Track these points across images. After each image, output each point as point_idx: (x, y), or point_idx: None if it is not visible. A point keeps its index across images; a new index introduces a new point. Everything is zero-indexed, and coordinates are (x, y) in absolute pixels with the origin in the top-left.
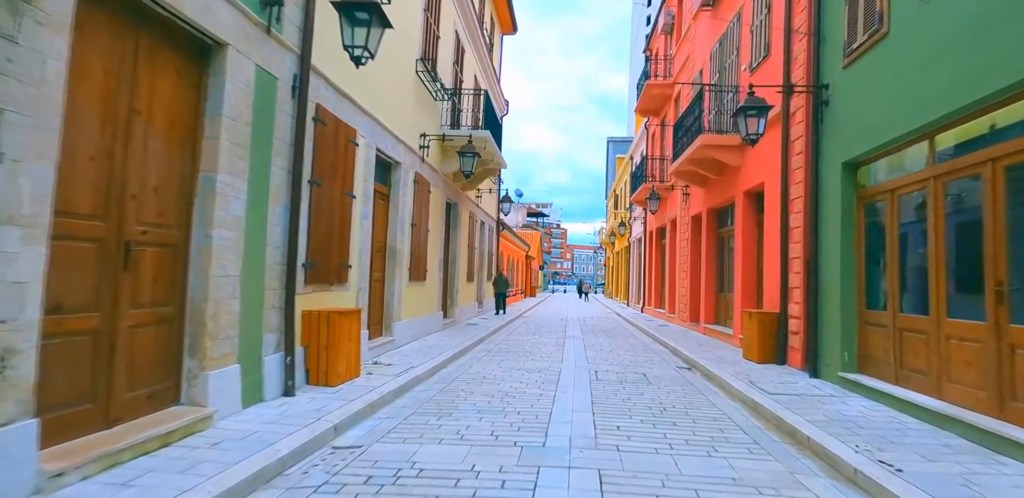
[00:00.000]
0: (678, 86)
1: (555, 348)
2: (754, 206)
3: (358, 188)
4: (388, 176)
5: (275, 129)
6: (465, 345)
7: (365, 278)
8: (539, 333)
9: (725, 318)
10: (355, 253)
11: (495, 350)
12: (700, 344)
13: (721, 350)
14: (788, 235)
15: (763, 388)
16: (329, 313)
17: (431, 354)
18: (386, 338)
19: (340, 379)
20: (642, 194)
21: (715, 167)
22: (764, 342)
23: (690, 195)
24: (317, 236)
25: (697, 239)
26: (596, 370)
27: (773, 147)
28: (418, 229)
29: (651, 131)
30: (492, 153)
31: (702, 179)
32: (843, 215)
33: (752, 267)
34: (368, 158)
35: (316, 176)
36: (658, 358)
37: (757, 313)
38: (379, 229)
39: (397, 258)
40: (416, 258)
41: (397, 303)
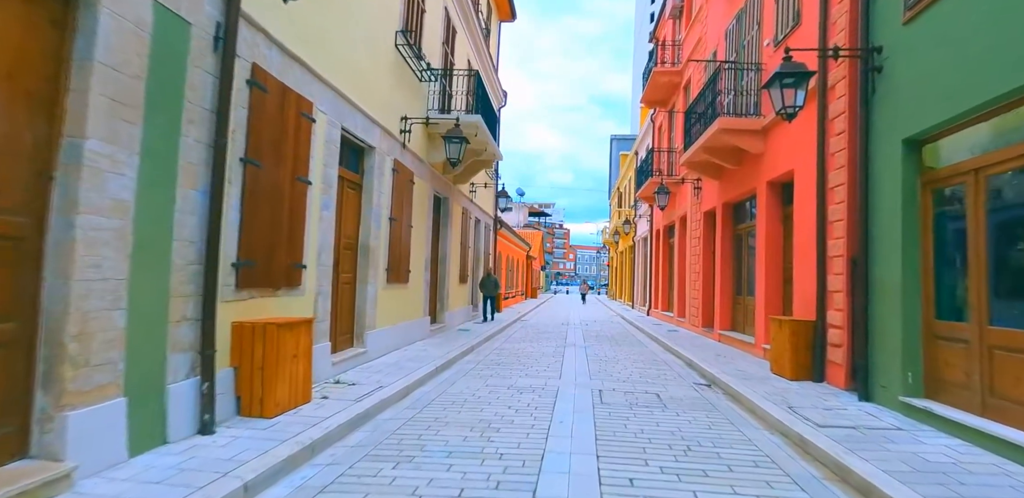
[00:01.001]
0: (687, 73)
1: (553, 359)
2: (779, 198)
3: (316, 173)
4: (360, 162)
5: (187, 89)
6: (451, 356)
7: (327, 280)
8: (537, 340)
9: (744, 325)
10: (312, 251)
11: (485, 362)
12: (717, 354)
13: (742, 362)
14: (826, 230)
15: (807, 416)
16: (266, 325)
17: (408, 369)
18: (356, 350)
19: (280, 408)
20: (649, 189)
21: (733, 156)
22: (797, 355)
23: (702, 189)
24: (256, 229)
25: (710, 237)
26: (600, 389)
27: (805, 129)
28: (398, 224)
29: (658, 123)
30: (485, 142)
31: (717, 170)
32: (904, 203)
33: (777, 268)
34: (331, 138)
35: (253, 154)
36: (671, 372)
37: (788, 321)
38: (348, 223)
39: (371, 257)
40: (396, 257)
41: (371, 309)
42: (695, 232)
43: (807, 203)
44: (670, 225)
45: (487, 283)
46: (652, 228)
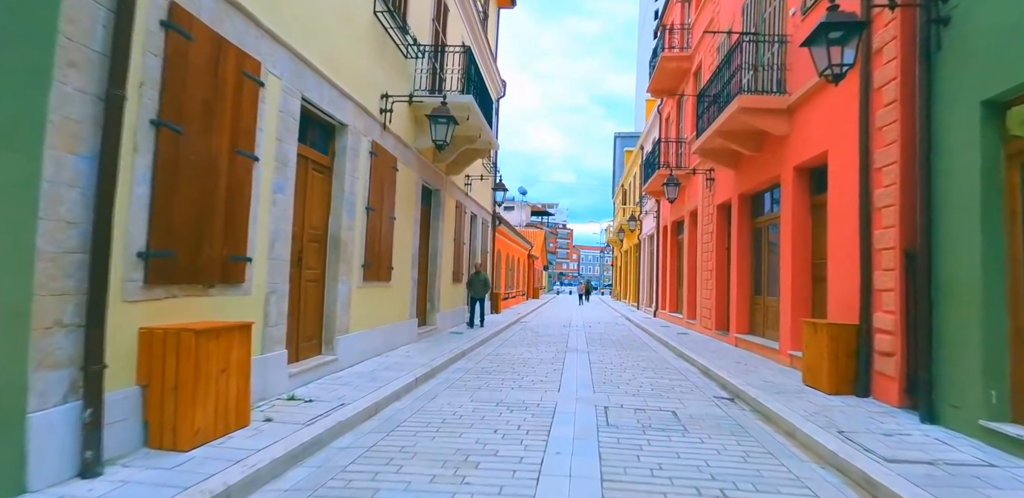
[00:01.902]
0: (698, 58)
1: (552, 366)
2: (807, 185)
3: (266, 148)
4: (330, 142)
5: (63, 21)
6: (437, 363)
7: (282, 277)
8: (536, 344)
9: (764, 328)
10: (261, 241)
11: (476, 370)
12: (736, 361)
13: (767, 371)
14: (871, 219)
15: (866, 445)
16: (180, 332)
17: (383, 380)
18: (324, 358)
19: (201, 437)
20: (656, 182)
21: (752, 140)
22: (837, 365)
23: (715, 180)
24: (175, 210)
25: (724, 232)
26: (606, 406)
27: (842, 103)
28: (377, 215)
29: (665, 114)
30: (479, 129)
31: (733, 157)
32: (984, 182)
33: (805, 264)
34: (287, 108)
35: (170, 116)
36: (686, 382)
37: (826, 325)
38: (314, 211)
39: (343, 251)
40: (375, 252)
41: (343, 311)
42: (707, 227)
43: (845, 189)
44: (679, 221)
45: (475, 282)
46: (659, 225)
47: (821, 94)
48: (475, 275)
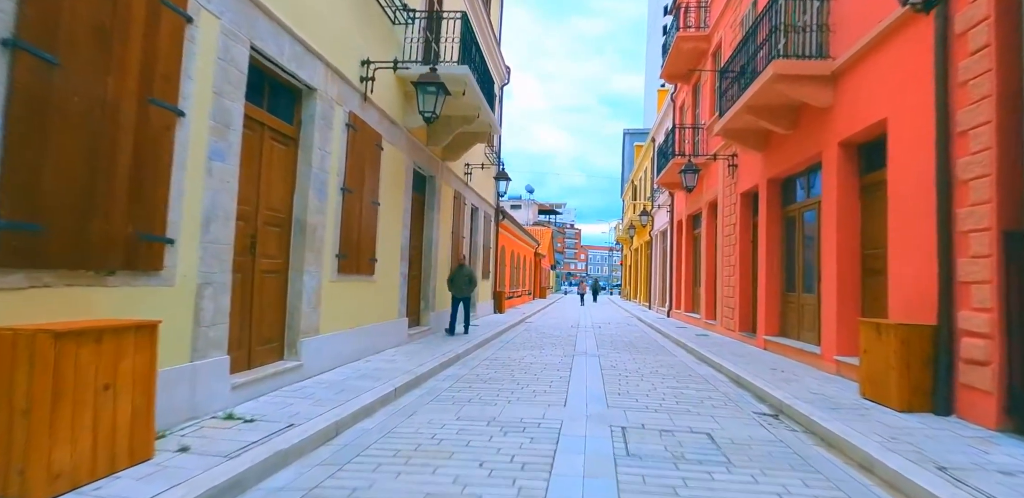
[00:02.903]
0: (717, 37)
1: (559, 373)
2: (856, 163)
3: (196, 101)
4: (295, 108)
5: None
6: (425, 369)
7: (222, 265)
8: (541, 346)
9: (799, 329)
10: (189, 218)
11: (468, 377)
12: (770, 367)
13: (810, 379)
14: (951, 195)
15: (984, 490)
16: (36, 335)
17: (354, 391)
18: (285, 364)
19: (66, 481)
20: (672, 172)
21: (787, 115)
22: (908, 375)
23: (739, 166)
24: (47, 169)
25: (749, 222)
26: (623, 426)
27: (907, 59)
28: (356, 199)
29: (679, 101)
30: (476, 107)
31: (761, 138)
32: None
33: (853, 255)
34: (229, 56)
35: (36, 38)
36: (716, 393)
37: (893, 326)
38: (273, 188)
39: (311, 238)
40: (352, 241)
41: (311, 308)
42: (729, 218)
43: (913, 161)
44: (695, 213)
45: (458, 278)
46: (673, 219)
47: (878, 52)
48: (458, 269)
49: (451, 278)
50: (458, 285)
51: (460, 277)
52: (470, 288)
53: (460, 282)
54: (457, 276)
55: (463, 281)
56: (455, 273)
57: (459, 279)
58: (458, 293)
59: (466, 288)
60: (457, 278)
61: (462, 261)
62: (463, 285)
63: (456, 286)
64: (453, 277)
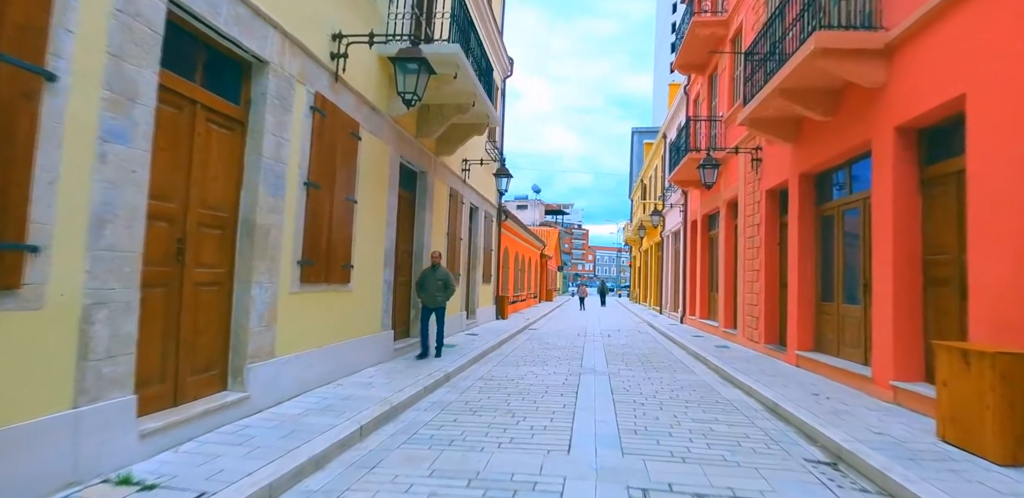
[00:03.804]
0: (737, 20)
1: (562, 399)
2: (915, 152)
3: (80, 63)
4: (242, 84)
5: None
6: (403, 397)
7: (125, 279)
8: (544, 360)
9: (840, 345)
10: (68, 217)
11: (455, 406)
12: (811, 391)
13: (865, 411)
14: None
15: None
16: None
17: (307, 432)
18: (226, 396)
19: None
20: (687, 169)
21: (825, 98)
22: (1013, 418)
23: (764, 160)
24: None
25: (776, 222)
26: (645, 487)
27: (992, 21)
28: (324, 195)
29: (693, 94)
30: (471, 93)
31: (793, 127)
32: None
33: (912, 260)
34: (137, 11)
35: None
36: (753, 428)
37: (992, 355)
38: (211, 182)
39: (263, 242)
40: (321, 245)
41: (262, 326)
42: (753, 218)
43: (1007, 146)
44: (712, 213)
45: (428, 284)
46: (687, 219)
47: (948, 17)
48: (429, 272)
49: (420, 282)
50: (429, 291)
51: (431, 281)
52: (445, 296)
53: (431, 287)
54: (427, 280)
55: (435, 287)
56: (425, 276)
57: (430, 284)
58: (429, 302)
59: (440, 296)
60: (428, 282)
61: (435, 260)
62: (435, 292)
63: (426, 293)
64: (423, 281)
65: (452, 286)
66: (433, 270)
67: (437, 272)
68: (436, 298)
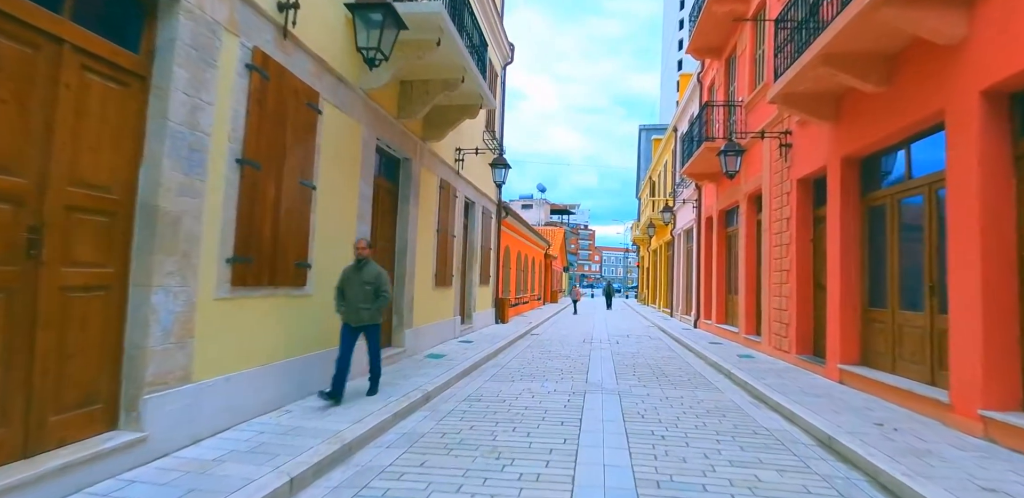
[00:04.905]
0: None
1: (563, 431)
2: (1006, 123)
3: None
4: (145, 27)
5: None
6: (361, 430)
7: None
8: (544, 374)
9: (897, 359)
10: None
11: (428, 442)
12: (869, 417)
13: (951, 449)
14: None
15: None
16: None
17: (208, 493)
18: (113, 439)
19: None
20: (703, 159)
21: (879, 65)
22: None
23: (795, 146)
24: None
25: (809, 216)
26: None
27: None
28: (266, 176)
29: (708, 81)
30: (460, 66)
31: (833, 102)
32: None
33: (1006, 258)
34: None
35: None
36: (810, 475)
37: None
38: (82, 150)
39: (170, 232)
40: (263, 239)
41: (168, 343)
42: (780, 211)
43: None
44: (729, 208)
45: (351, 288)
46: (700, 215)
47: None
48: (352, 270)
49: (340, 286)
50: (351, 301)
51: (355, 286)
52: (374, 308)
53: (355, 295)
54: (350, 282)
55: (360, 294)
56: (347, 276)
57: (353, 288)
58: (350, 317)
59: (366, 309)
60: (350, 286)
61: (361, 252)
62: (360, 302)
63: (348, 302)
64: (343, 285)
65: (385, 294)
66: (358, 269)
67: (364, 272)
68: (360, 312)
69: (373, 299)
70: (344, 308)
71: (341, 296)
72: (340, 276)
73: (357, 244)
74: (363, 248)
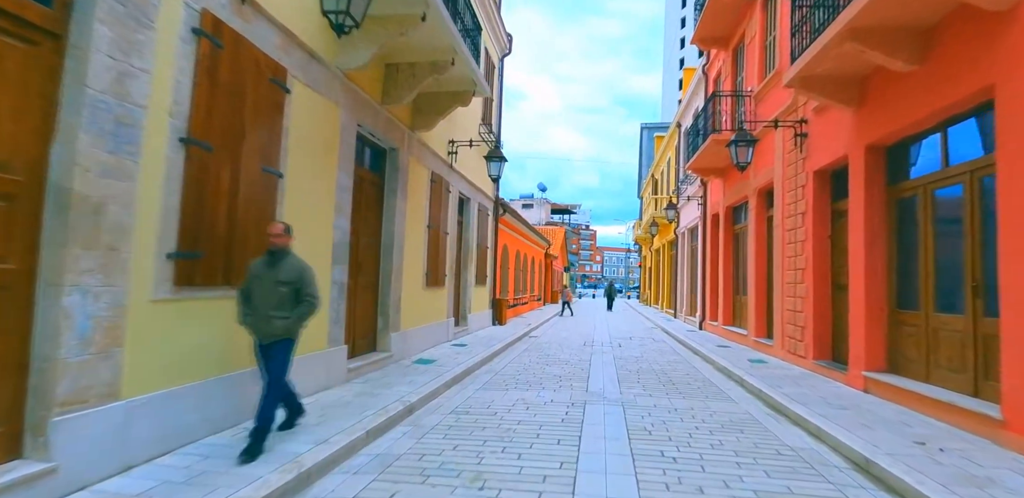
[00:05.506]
0: None
1: (558, 452)
2: None
3: None
4: None
5: None
6: (327, 453)
7: None
8: (541, 381)
9: (931, 366)
10: None
11: (401, 467)
12: (906, 434)
13: (1011, 476)
14: None
15: None
16: None
17: None
18: (12, 471)
19: None
20: (709, 153)
21: (914, 39)
22: None
23: (811, 135)
24: None
25: (827, 210)
26: None
27: None
28: (218, 160)
29: (713, 73)
30: (449, 48)
31: (854, 85)
32: None
33: None
34: None
35: None
36: None
37: None
38: None
39: (88, 222)
40: (215, 230)
41: (89, 353)
42: (794, 206)
43: None
44: (737, 204)
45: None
46: (706, 213)
47: None
48: (262, 264)
49: (245, 287)
50: (259, 307)
51: (265, 284)
52: (296, 316)
53: (266, 297)
54: (259, 281)
55: (271, 297)
56: (255, 274)
57: (263, 289)
58: (259, 330)
59: (278, 319)
60: (259, 286)
61: (275, 241)
62: (269, 309)
63: (255, 309)
64: (249, 287)
65: (309, 298)
66: (271, 263)
67: (279, 268)
68: (271, 322)
69: (291, 305)
70: (250, 318)
71: (246, 301)
72: (247, 274)
73: (270, 229)
74: (278, 234)
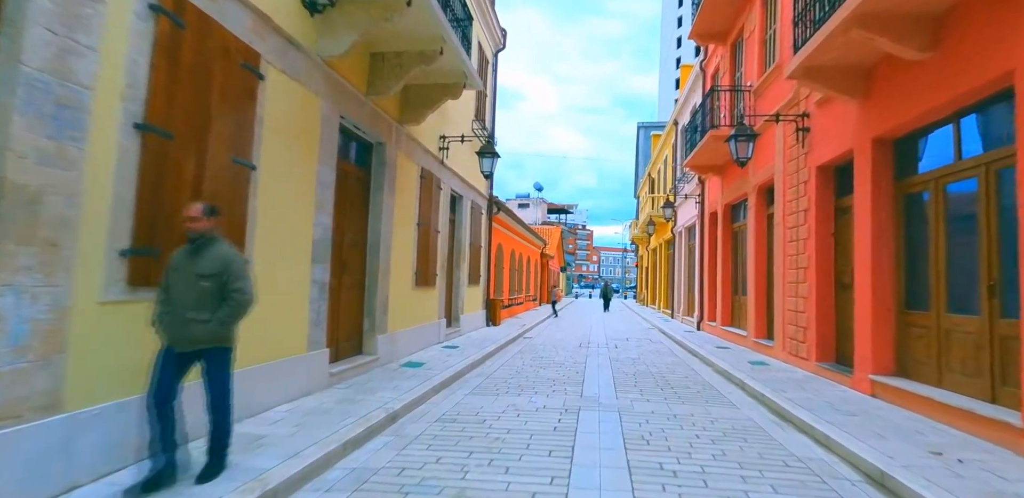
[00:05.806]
0: None
1: (549, 464)
2: None
3: None
4: None
5: None
6: (295, 470)
7: None
8: (534, 384)
9: (944, 371)
10: None
11: (379, 482)
12: (922, 443)
13: None
14: None
15: None
16: None
17: None
18: None
19: None
20: (706, 150)
21: (925, 25)
22: None
23: (813, 129)
24: None
25: (830, 207)
26: None
27: None
28: (180, 149)
29: (711, 68)
30: (437, 36)
31: (860, 76)
32: None
33: None
34: None
35: None
36: None
37: None
38: None
39: (23, 214)
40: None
41: (26, 361)
42: (796, 203)
43: None
44: (736, 202)
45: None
46: (704, 211)
47: None
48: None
49: (164, 285)
50: (176, 307)
51: (185, 278)
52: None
53: (184, 294)
54: (178, 274)
55: (192, 293)
56: (175, 265)
57: (182, 284)
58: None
59: (198, 323)
60: (178, 281)
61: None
62: (189, 307)
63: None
64: (169, 278)
65: (238, 294)
66: (192, 253)
67: (201, 258)
68: (189, 326)
69: (213, 304)
70: (165, 320)
71: (166, 299)
72: (167, 267)
73: (187, 211)
74: (195, 217)
